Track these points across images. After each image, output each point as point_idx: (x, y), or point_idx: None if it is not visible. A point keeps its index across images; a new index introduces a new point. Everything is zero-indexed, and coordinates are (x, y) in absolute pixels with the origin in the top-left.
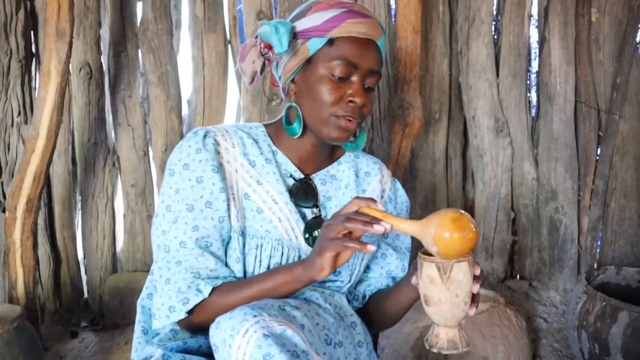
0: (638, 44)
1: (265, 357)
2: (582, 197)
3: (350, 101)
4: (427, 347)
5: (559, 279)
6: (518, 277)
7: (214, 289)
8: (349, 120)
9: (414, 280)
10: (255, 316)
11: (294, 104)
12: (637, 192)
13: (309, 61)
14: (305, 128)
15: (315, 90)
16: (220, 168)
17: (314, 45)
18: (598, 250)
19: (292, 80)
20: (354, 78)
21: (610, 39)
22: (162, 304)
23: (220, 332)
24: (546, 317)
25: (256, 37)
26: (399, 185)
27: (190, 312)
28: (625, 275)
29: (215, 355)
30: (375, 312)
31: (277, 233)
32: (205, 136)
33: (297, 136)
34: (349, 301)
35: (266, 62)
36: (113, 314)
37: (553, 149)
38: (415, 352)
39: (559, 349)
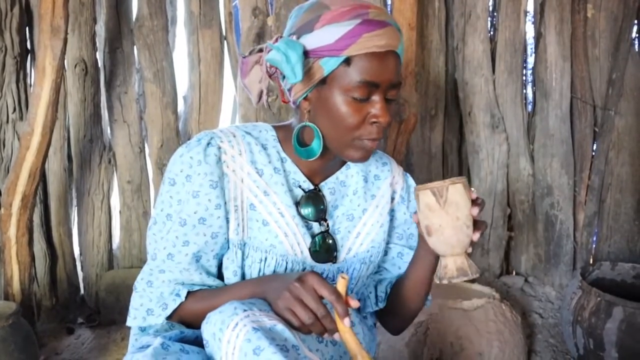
0: (634, 40)
1: (255, 351)
2: (578, 192)
3: (374, 122)
4: (437, 282)
5: (555, 275)
6: (514, 272)
7: (190, 293)
8: (373, 140)
9: (414, 217)
10: (245, 310)
11: (310, 124)
12: (632, 187)
13: (323, 81)
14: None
15: (334, 114)
16: (220, 182)
17: (328, 65)
18: (594, 245)
19: (305, 98)
20: (376, 97)
21: (606, 35)
22: (141, 304)
23: (210, 326)
24: (542, 312)
25: (259, 51)
26: (411, 181)
27: (168, 316)
28: (621, 270)
29: (206, 350)
30: (397, 297)
31: (282, 248)
32: (208, 144)
33: (315, 157)
34: (374, 305)
35: (276, 81)
36: (109, 310)
37: (549, 145)
38: (410, 348)
39: (554, 344)
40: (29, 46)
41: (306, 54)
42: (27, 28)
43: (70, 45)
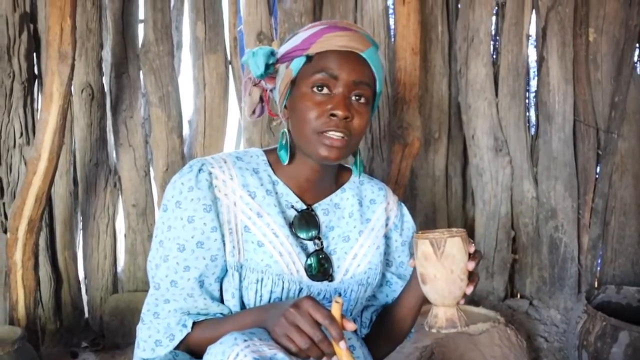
0: (635, 63)
1: None
2: (582, 215)
3: (332, 114)
4: (427, 329)
5: (560, 298)
6: (518, 296)
7: (195, 323)
8: (334, 136)
9: (411, 262)
10: (245, 340)
11: (285, 130)
12: (636, 210)
13: (295, 83)
14: (300, 153)
15: (298, 110)
16: (213, 206)
17: (296, 65)
18: (598, 268)
19: (286, 106)
20: (336, 91)
21: (608, 59)
22: (149, 336)
23: (211, 358)
24: (547, 336)
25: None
26: (405, 210)
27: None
28: (626, 294)
29: None
30: (382, 325)
31: (277, 268)
32: (200, 170)
33: (286, 163)
34: (357, 330)
35: (264, 92)
36: (114, 334)
37: (552, 168)
38: None
39: None
40: (36, 72)
41: (280, 59)
42: (34, 54)
43: (77, 70)
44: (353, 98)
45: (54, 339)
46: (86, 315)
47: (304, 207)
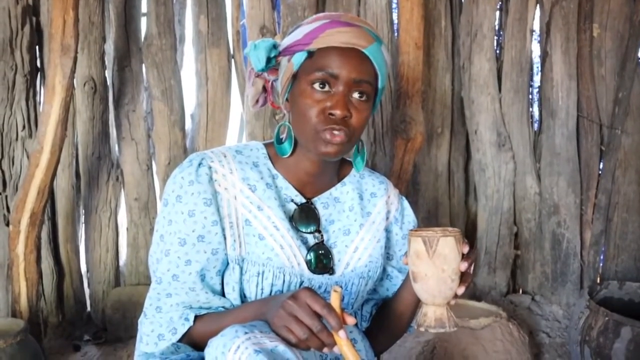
0: (639, 59)
1: None
2: (585, 211)
3: (331, 113)
4: (416, 327)
5: (562, 294)
6: (521, 291)
7: (197, 317)
8: (334, 133)
9: (403, 259)
10: (246, 333)
11: (286, 123)
12: (639, 206)
13: (296, 77)
14: (300, 147)
15: (298, 106)
16: (213, 199)
17: (297, 60)
18: (601, 264)
19: (287, 100)
20: (336, 89)
21: (612, 54)
22: (152, 330)
23: (212, 350)
24: (549, 331)
25: None
26: (406, 204)
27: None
28: (628, 290)
29: None
30: (382, 320)
31: (278, 261)
32: (200, 164)
33: (287, 155)
34: (357, 324)
35: (266, 82)
36: (116, 327)
37: (555, 164)
38: None
39: None
40: (38, 64)
41: (282, 53)
42: (37, 47)
43: (80, 63)
44: (353, 95)
45: (56, 332)
46: (88, 308)
47: (303, 200)
